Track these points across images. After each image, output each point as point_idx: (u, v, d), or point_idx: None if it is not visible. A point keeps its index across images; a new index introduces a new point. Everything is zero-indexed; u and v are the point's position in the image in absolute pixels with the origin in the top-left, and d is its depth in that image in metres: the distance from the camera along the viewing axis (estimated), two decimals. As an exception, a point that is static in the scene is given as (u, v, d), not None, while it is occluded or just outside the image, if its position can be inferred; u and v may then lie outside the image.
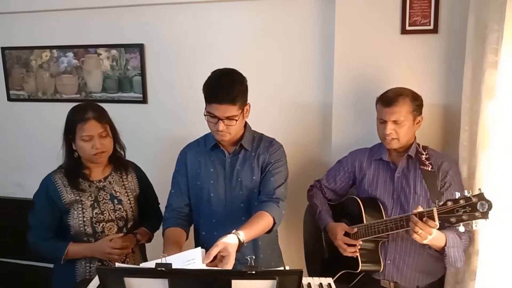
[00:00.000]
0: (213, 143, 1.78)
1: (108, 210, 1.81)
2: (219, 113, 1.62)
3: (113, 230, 1.81)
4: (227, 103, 1.61)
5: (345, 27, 2.12)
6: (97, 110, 1.80)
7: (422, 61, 2.05)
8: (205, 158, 1.80)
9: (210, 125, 1.69)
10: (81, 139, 1.74)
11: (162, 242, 1.70)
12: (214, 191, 1.77)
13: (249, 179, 1.76)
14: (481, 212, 1.46)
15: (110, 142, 1.81)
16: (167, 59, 2.49)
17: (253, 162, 1.77)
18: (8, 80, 2.77)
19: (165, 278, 1.24)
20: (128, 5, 2.45)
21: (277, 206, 1.69)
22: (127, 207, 1.85)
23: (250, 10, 2.32)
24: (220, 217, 1.77)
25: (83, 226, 1.77)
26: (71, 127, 1.76)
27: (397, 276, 1.82)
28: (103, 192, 1.82)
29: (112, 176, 1.87)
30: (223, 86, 1.63)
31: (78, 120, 1.74)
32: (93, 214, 1.78)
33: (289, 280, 1.26)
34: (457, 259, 1.66)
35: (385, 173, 1.88)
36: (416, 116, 1.78)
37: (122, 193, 1.86)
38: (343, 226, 1.84)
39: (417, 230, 1.54)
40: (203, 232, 1.81)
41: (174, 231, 1.75)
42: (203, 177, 1.78)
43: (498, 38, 1.67)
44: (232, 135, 1.70)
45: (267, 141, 1.83)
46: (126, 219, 1.84)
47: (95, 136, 1.74)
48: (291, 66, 2.32)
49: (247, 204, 1.76)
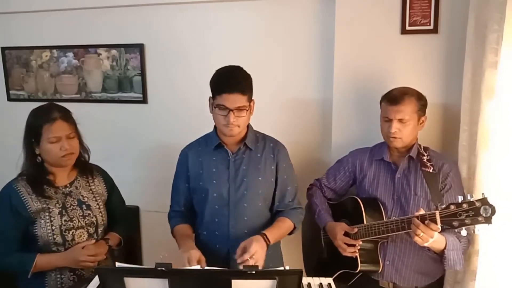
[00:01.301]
0: (216, 143, 1.78)
1: (77, 216, 1.73)
2: (230, 103, 1.64)
3: (84, 237, 1.74)
4: (238, 92, 1.64)
5: (345, 27, 2.12)
6: (63, 110, 1.72)
7: (422, 61, 2.05)
8: (207, 158, 1.80)
9: (220, 119, 1.69)
10: (48, 141, 1.65)
11: (160, 240, 1.70)
12: (217, 190, 1.77)
13: (255, 179, 1.77)
14: (484, 217, 1.45)
15: (77, 144, 1.74)
16: (167, 59, 2.49)
17: (259, 163, 1.78)
18: (8, 80, 2.77)
19: (165, 278, 1.25)
20: (128, 5, 2.45)
21: (297, 213, 1.83)
22: (97, 212, 1.79)
23: (250, 10, 2.32)
24: (222, 216, 1.77)
25: (52, 235, 1.68)
26: (35, 129, 1.66)
27: (396, 277, 1.82)
28: (70, 198, 1.74)
29: (78, 181, 1.80)
30: (233, 77, 1.68)
31: (44, 121, 1.65)
32: (62, 221, 1.70)
33: (289, 280, 1.26)
34: (456, 262, 1.66)
35: (385, 174, 1.88)
36: (420, 116, 1.78)
37: (90, 198, 1.79)
38: (343, 226, 1.84)
39: (419, 233, 1.54)
40: (204, 232, 1.82)
41: (182, 227, 1.81)
42: (206, 177, 1.78)
43: (498, 38, 1.67)
44: (241, 128, 1.71)
45: (271, 141, 1.85)
46: (96, 224, 1.78)
47: (63, 137, 1.67)
48: (291, 66, 2.32)
49: (251, 204, 1.77)
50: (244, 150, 1.79)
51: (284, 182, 1.82)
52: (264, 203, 1.80)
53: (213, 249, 1.75)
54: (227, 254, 1.76)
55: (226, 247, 1.76)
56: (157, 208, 2.19)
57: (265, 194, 1.80)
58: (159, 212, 2.18)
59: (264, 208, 1.81)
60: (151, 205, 2.09)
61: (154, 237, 1.99)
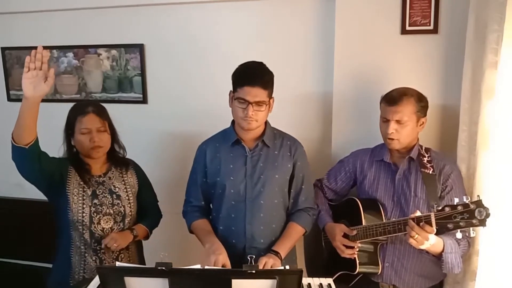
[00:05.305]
0: (234, 139, 1.79)
1: (106, 204, 1.81)
2: (250, 96, 1.66)
3: (110, 224, 1.81)
4: (259, 86, 1.67)
5: (345, 27, 2.12)
6: (98, 106, 1.84)
7: (422, 61, 2.05)
8: (224, 154, 1.81)
9: (239, 111, 1.70)
10: (79, 132, 1.76)
11: (160, 240, 1.70)
12: (234, 187, 1.77)
13: (272, 177, 1.78)
14: (478, 220, 1.44)
15: (108, 138, 1.83)
16: (167, 59, 2.49)
17: (276, 161, 1.79)
18: (8, 80, 2.76)
19: (166, 278, 1.25)
20: (128, 5, 2.44)
21: (307, 215, 1.84)
22: (126, 203, 1.85)
23: (249, 10, 2.32)
24: (239, 212, 1.78)
25: (82, 213, 1.77)
26: (71, 121, 1.79)
27: (396, 279, 1.81)
28: (102, 187, 1.83)
29: (112, 172, 1.88)
30: (256, 71, 1.71)
31: (78, 114, 1.78)
32: (92, 203, 1.79)
33: (289, 280, 1.26)
34: (454, 265, 1.65)
35: (386, 175, 1.87)
36: (420, 117, 1.77)
37: (121, 189, 1.87)
38: (342, 227, 1.84)
39: (413, 235, 1.53)
40: (221, 227, 1.82)
41: (202, 222, 1.83)
42: (223, 173, 1.79)
43: (498, 38, 1.67)
44: (259, 123, 1.73)
45: (289, 139, 1.86)
46: (124, 214, 1.84)
47: (93, 129, 1.77)
48: (291, 66, 2.32)
49: (267, 201, 1.78)
50: (261, 147, 1.79)
51: (300, 181, 1.84)
52: (280, 200, 1.81)
53: (229, 244, 1.75)
54: (243, 250, 1.77)
55: (242, 243, 1.78)
56: (157, 208, 2.19)
57: (282, 192, 1.81)
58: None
59: (280, 205, 1.82)
60: (151, 205, 2.10)
61: (154, 237, 1.99)
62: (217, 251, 1.63)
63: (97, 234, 1.79)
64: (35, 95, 1.50)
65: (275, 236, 1.79)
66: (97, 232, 1.79)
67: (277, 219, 1.81)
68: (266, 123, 1.82)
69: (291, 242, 1.78)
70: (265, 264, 1.62)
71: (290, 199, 1.84)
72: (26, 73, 1.47)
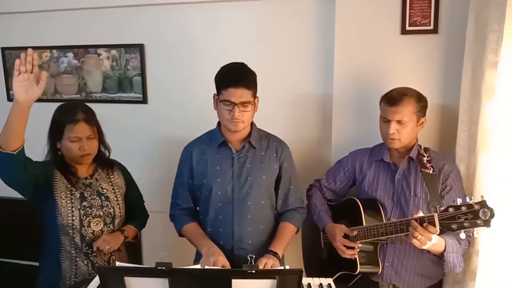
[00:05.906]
0: (220, 141, 1.78)
1: (95, 206, 1.79)
2: (235, 98, 1.66)
3: (100, 226, 1.79)
4: (243, 87, 1.66)
5: (345, 27, 2.12)
6: (87, 111, 1.77)
7: (422, 61, 2.05)
8: (211, 156, 1.80)
9: (225, 114, 1.70)
10: (69, 140, 1.72)
11: (160, 240, 1.70)
12: (221, 188, 1.77)
13: (259, 178, 1.78)
14: (483, 220, 1.45)
15: (96, 144, 1.80)
16: (167, 59, 2.49)
17: (263, 162, 1.79)
18: (8, 80, 2.76)
19: (166, 278, 1.25)
20: (128, 5, 2.44)
21: (298, 213, 1.87)
22: (114, 204, 1.84)
23: (249, 10, 2.32)
24: (227, 214, 1.78)
25: (71, 216, 1.74)
26: (59, 126, 1.73)
27: (396, 279, 1.81)
28: (89, 189, 1.81)
29: (98, 173, 1.86)
30: (239, 72, 1.71)
31: (67, 121, 1.71)
32: (81, 206, 1.76)
33: (289, 280, 1.26)
34: (456, 264, 1.65)
35: (385, 175, 1.87)
36: (420, 117, 1.77)
37: (109, 190, 1.85)
38: (342, 228, 1.84)
39: (417, 235, 1.53)
40: (209, 229, 1.82)
41: (193, 226, 1.83)
42: (210, 175, 1.79)
43: (498, 38, 1.67)
44: (246, 124, 1.72)
45: (275, 140, 1.86)
46: (113, 216, 1.83)
47: (83, 138, 1.73)
48: (291, 66, 2.32)
49: (254, 202, 1.78)
50: (248, 148, 1.79)
51: (287, 181, 1.85)
52: (268, 201, 1.82)
53: (217, 246, 1.75)
54: (231, 251, 1.77)
55: (230, 244, 1.78)
56: (157, 208, 2.19)
57: (269, 192, 1.82)
58: (159, 212, 2.18)
59: (268, 206, 1.82)
60: (151, 205, 2.09)
61: (154, 236, 1.99)
62: (216, 253, 1.65)
63: (88, 237, 1.77)
64: (27, 98, 1.46)
65: (263, 237, 1.81)
66: (88, 235, 1.76)
67: (265, 220, 1.82)
68: (252, 124, 1.82)
69: (287, 241, 1.79)
70: (265, 264, 1.62)
71: (279, 200, 1.85)
72: (17, 76, 1.44)
